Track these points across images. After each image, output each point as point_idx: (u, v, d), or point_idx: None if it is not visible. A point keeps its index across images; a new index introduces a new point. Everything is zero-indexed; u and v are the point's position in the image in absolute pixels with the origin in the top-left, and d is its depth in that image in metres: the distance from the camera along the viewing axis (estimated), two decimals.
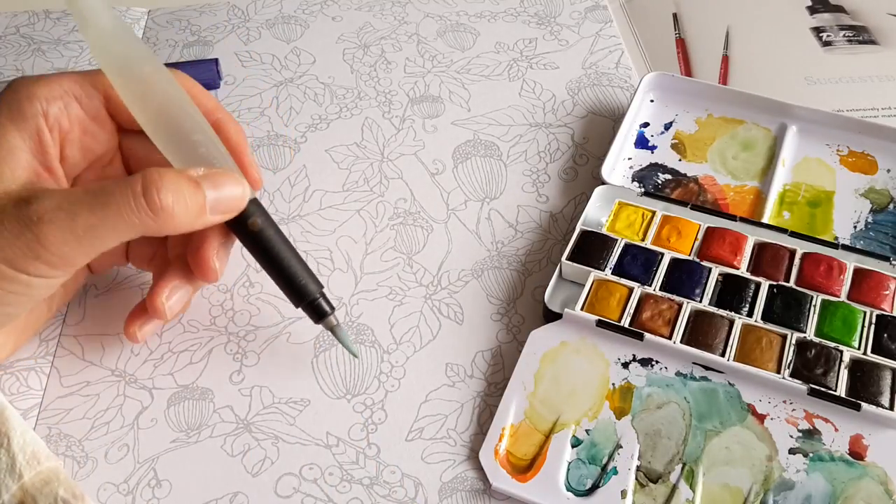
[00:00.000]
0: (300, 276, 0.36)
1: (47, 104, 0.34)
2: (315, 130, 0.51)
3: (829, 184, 0.45)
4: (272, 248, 0.36)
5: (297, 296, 0.36)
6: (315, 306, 0.36)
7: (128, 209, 0.31)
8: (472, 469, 0.36)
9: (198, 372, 0.39)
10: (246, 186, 0.35)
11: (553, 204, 0.47)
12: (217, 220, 0.34)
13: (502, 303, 0.42)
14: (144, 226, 0.31)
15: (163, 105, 0.34)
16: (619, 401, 0.37)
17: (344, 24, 0.59)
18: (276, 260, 0.36)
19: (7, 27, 0.59)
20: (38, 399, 0.38)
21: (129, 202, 0.31)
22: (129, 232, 0.31)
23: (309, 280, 0.36)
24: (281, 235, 0.36)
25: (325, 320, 0.37)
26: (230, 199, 0.34)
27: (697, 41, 0.57)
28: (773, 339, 0.38)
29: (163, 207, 0.31)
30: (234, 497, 0.35)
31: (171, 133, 0.34)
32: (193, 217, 0.32)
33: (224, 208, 0.34)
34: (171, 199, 0.31)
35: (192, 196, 0.32)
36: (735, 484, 0.34)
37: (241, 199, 0.34)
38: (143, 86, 0.34)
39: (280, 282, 0.36)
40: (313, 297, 0.36)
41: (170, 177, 0.32)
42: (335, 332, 0.37)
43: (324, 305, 0.36)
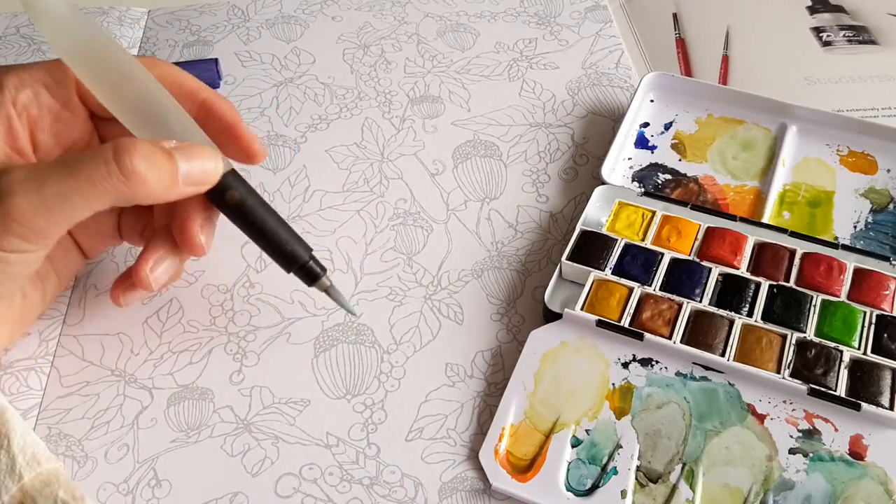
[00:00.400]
0: (287, 242, 0.36)
1: (16, 92, 0.34)
2: (315, 130, 0.51)
3: (829, 184, 0.45)
4: (255, 218, 0.35)
5: (287, 261, 0.36)
6: (306, 269, 0.36)
7: (98, 175, 0.30)
8: (472, 469, 0.36)
9: (198, 372, 0.39)
10: (219, 160, 0.34)
11: (553, 204, 0.47)
12: (191, 191, 0.34)
13: (502, 303, 0.42)
14: (116, 192, 0.31)
15: (130, 89, 0.34)
16: (619, 401, 0.37)
17: (344, 24, 0.59)
18: (260, 229, 0.35)
19: (7, 27, 0.59)
20: (38, 399, 0.38)
21: (101, 168, 0.30)
22: (100, 199, 0.31)
23: (297, 245, 0.36)
24: (263, 204, 0.36)
25: (319, 282, 0.37)
26: (203, 171, 0.34)
27: (697, 41, 0.57)
28: (773, 339, 0.38)
29: (134, 172, 0.31)
30: (234, 497, 0.35)
31: (141, 116, 0.34)
32: (166, 185, 0.32)
33: (197, 180, 0.34)
34: (143, 165, 0.31)
35: (165, 164, 0.32)
36: (735, 484, 0.34)
37: (213, 171, 0.34)
38: (106, 72, 0.34)
39: (268, 250, 0.36)
40: (303, 260, 0.36)
41: (142, 144, 0.32)
42: (330, 292, 0.37)
43: (315, 268, 0.36)
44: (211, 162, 0.34)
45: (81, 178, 0.30)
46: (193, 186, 0.34)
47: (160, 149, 0.32)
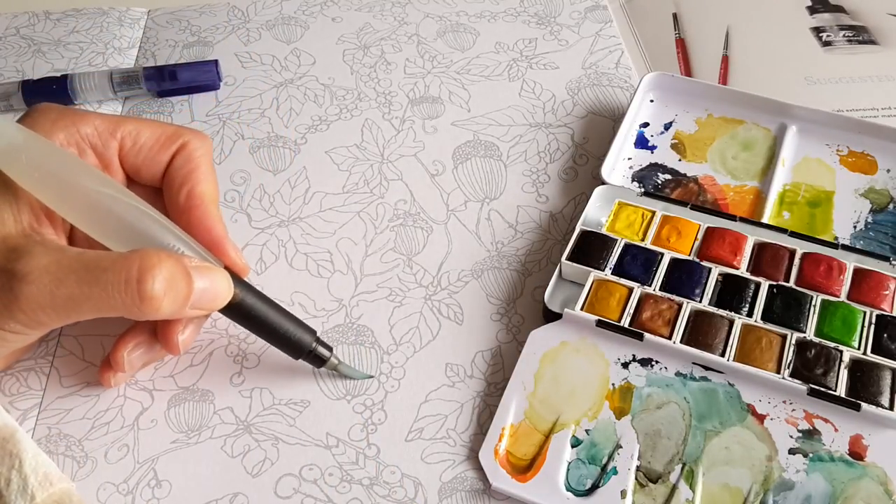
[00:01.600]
0: (291, 333, 0.36)
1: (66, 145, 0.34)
2: (315, 132, 0.51)
3: (829, 184, 0.45)
4: (256, 314, 0.36)
5: (294, 351, 0.37)
6: (314, 356, 0.37)
7: (117, 290, 0.30)
8: (471, 469, 0.36)
9: (198, 374, 0.39)
10: (231, 286, 0.34)
11: (553, 204, 0.47)
12: (195, 314, 0.33)
13: (502, 303, 0.42)
14: (128, 309, 0.31)
15: (122, 225, 0.33)
16: (618, 401, 0.37)
17: (344, 25, 0.59)
18: (262, 324, 0.36)
19: (7, 28, 0.59)
20: (37, 399, 0.38)
21: (121, 285, 0.30)
22: (110, 311, 0.31)
23: (302, 332, 0.36)
24: (262, 298, 0.36)
25: (328, 363, 0.37)
26: (213, 296, 0.33)
27: (697, 41, 0.57)
28: (773, 339, 0.38)
29: (153, 297, 0.30)
30: (235, 498, 0.35)
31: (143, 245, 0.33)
32: (178, 308, 0.32)
33: (205, 305, 0.33)
34: (163, 288, 0.31)
35: (183, 289, 0.32)
36: (735, 484, 0.34)
37: (223, 297, 0.34)
38: (93, 209, 0.32)
39: (273, 342, 0.37)
40: (309, 348, 0.37)
41: (168, 264, 0.31)
42: (339, 370, 0.38)
43: (322, 351, 0.37)
44: (224, 288, 0.34)
45: (98, 288, 0.30)
46: (198, 310, 0.33)
47: (182, 270, 0.32)
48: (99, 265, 0.30)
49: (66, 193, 0.32)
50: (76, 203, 0.32)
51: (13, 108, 0.52)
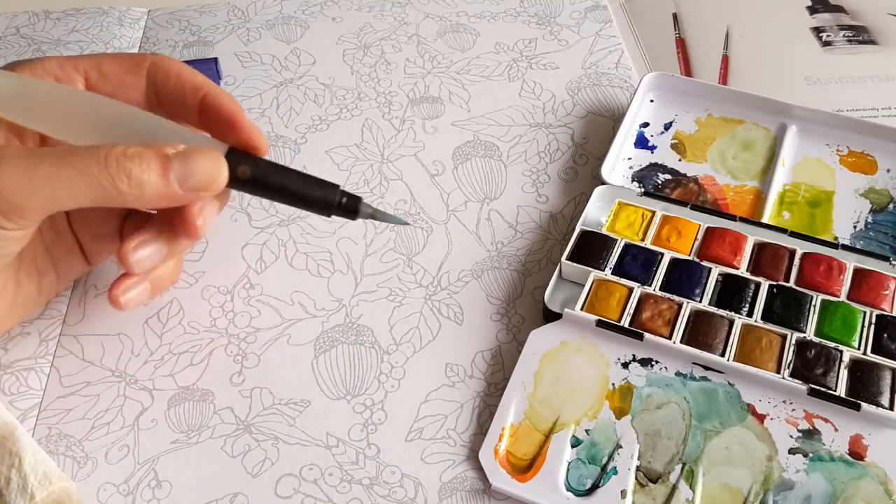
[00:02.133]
0: (315, 194, 0.35)
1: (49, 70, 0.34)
2: (315, 131, 0.51)
3: (829, 184, 0.45)
4: (272, 183, 0.35)
5: (322, 208, 0.35)
6: (345, 209, 0.35)
7: (88, 168, 0.30)
8: (471, 469, 0.36)
9: (198, 373, 0.39)
10: (223, 164, 0.34)
11: (553, 204, 0.47)
12: (193, 196, 0.33)
13: (502, 303, 0.42)
14: (103, 189, 0.31)
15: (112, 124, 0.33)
16: (618, 401, 0.37)
17: (344, 25, 0.59)
18: (282, 191, 0.35)
19: (7, 27, 0.59)
20: (38, 399, 0.38)
21: (91, 161, 0.30)
22: (86, 192, 0.31)
23: (324, 190, 0.35)
24: (274, 166, 0.35)
25: (360, 213, 0.36)
26: (206, 176, 0.33)
27: (697, 41, 0.57)
28: (773, 339, 0.38)
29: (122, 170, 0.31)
30: (235, 498, 0.35)
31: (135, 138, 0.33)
32: (157, 191, 0.32)
33: (199, 185, 0.33)
34: (133, 165, 0.31)
35: (156, 168, 0.32)
36: (735, 484, 0.34)
37: (217, 175, 0.33)
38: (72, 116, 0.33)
39: (298, 205, 0.35)
40: (336, 201, 0.35)
41: (138, 148, 0.31)
42: (377, 216, 0.36)
43: (351, 203, 0.35)
44: (213, 166, 0.33)
45: (71, 167, 0.30)
46: (195, 192, 0.33)
47: (156, 153, 0.32)
48: (71, 149, 0.31)
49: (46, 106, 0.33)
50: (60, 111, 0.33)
51: None
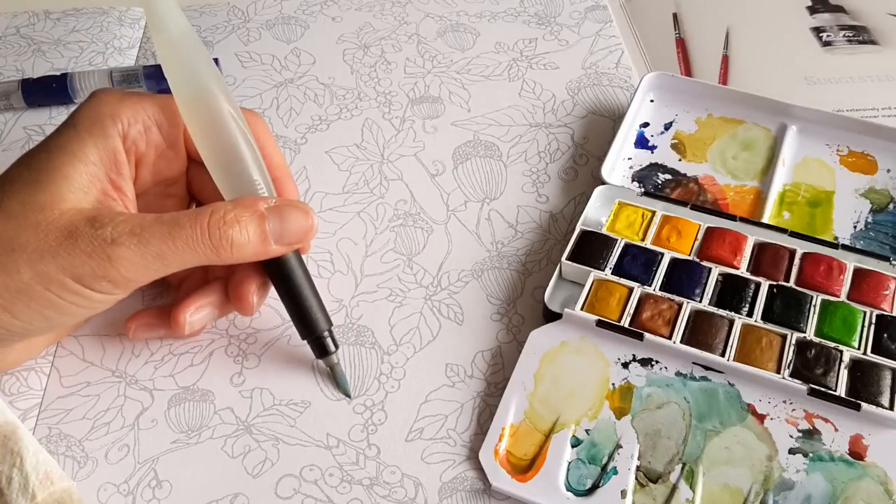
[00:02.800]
0: (314, 311, 0.37)
1: (129, 126, 0.35)
2: (315, 131, 0.51)
3: (829, 184, 0.45)
4: (292, 279, 0.36)
5: (306, 329, 0.37)
6: (321, 345, 0.37)
7: (195, 241, 0.32)
8: (472, 469, 0.36)
9: (198, 374, 0.39)
10: (313, 218, 0.36)
11: (553, 204, 0.47)
12: (285, 250, 0.35)
13: (502, 303, 0.42)
14: (209, 258, 0.33)
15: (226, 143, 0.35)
16: (619, 401, 0.37)
17: (344, 25, 0.59)
18: (295, 291, 0.36)
19: (7, 28, 0.59)
20: (38, 399, 0.38)
21: (198, 234, 0.32)
22: (194, 261, 0.33)
23: (321, 317, 0.37)
24: (304, 269, 0.37)
25: (328, 358, 0.38)
26: (298, 230, 0.35)
27: (697, 41, 0.57)
28: (773, 339, 0.38)
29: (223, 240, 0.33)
30: (235, 498, 0.35)
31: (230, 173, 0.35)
32: (256, 250, 0.34)
33: (292, 240, 0.35)
34: (233, 232, 0.33)
35: (256, 230, 0.34)
36: (735, 484, 0.34)
37: (308, 230, 0.36)
38: (210, 120, 0.35)
39: (293, 312, 0.37)
40: (321, 334, 0.37)
41: (237, 211, 0.33)
42: (334, 370, 0.38)
43: (329, 343, 0.37)
44: (305, 221, 0.35)
45: (180, 243, 0.32)
46: (288, 246, 0.35)
47: (252, 213, 0.34)
48: (176, 222, 0.32)
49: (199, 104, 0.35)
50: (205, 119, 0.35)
51: (13, 107, 0.52)
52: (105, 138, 0.34)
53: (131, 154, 0.35)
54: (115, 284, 0.32)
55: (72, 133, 0.34)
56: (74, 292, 0.32)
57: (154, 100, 0.36)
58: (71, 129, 0.34)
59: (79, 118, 0.35)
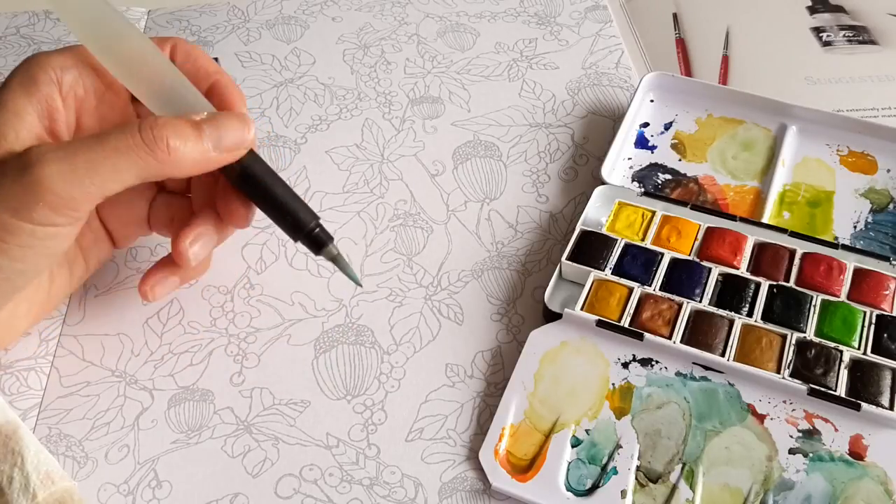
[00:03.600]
0: (294, 210, 0.35)
1: (61, 72, 0.34)
2: (315, 131, 0.51)
3: (829, 184, 0.45)
4: (262, 183, 0.35)
5: (293, 229, 0.36)
6: (313, 237, 0.36)
7: (126, 145, 0.31)
8: (472, 469, 0.36)
9: (198, 373, 0.39)
10: (250, 125, 0.35)
11: (553, 204, 0.47)
12: (225, 158, 0.34)
13: (502, 303, 0.42)
14: (144, 163, 0.32)
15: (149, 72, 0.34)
16: (619, 401, 0.37)
17: (344, 25, 0.59)
18: (266, 195, 0.35)
19: (7, 28, 0.59)
20: (38, 399, 0.38)
21: (128, 138, 0.31)
22: (129, 170, 0.32)
23: (304, 212, 0.35)
24: (271, 172, 0.36)
25: (325, 251, 0.36)
26: (235, 137, 0.34)
27: (697, 41, 0.57)
28: (773, 339, 0.38)
29: (159, 141, 0.32)
30: (235, 498, 0.35)
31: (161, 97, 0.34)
32: (195, 156, 0.33)
33: (229, 146, 0.34)
34: (169, 135, 0.32)
35: (190, 133, 0.33)
36: (735, 484, 0.34)
37: (245, 136, 0.35)
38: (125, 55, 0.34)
39: (274, 217, 0.36)
40: (309, 228, 0.35)
41: (168, 118, 0.33)
42: (337, 261, 0.37)
43: (321, 236, 0.36)
44: (240, 126, 0.35)
45: (109, 148, 0.31)
46: (227, 153, 0.34)
47: (186, 121, 0.33)
48: (104, 132, 0.32)
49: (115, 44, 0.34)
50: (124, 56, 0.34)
51: None
52: (35, 86, 0.34)
53: (70, 100, 0.35)
54: (52, 208, 0.31)
55: (5, 94, 0.33)
56: (15, 230, 0.31)
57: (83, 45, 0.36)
58: (4, 90, 0.34)
59: (12, 75, 0.34)
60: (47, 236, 0.32)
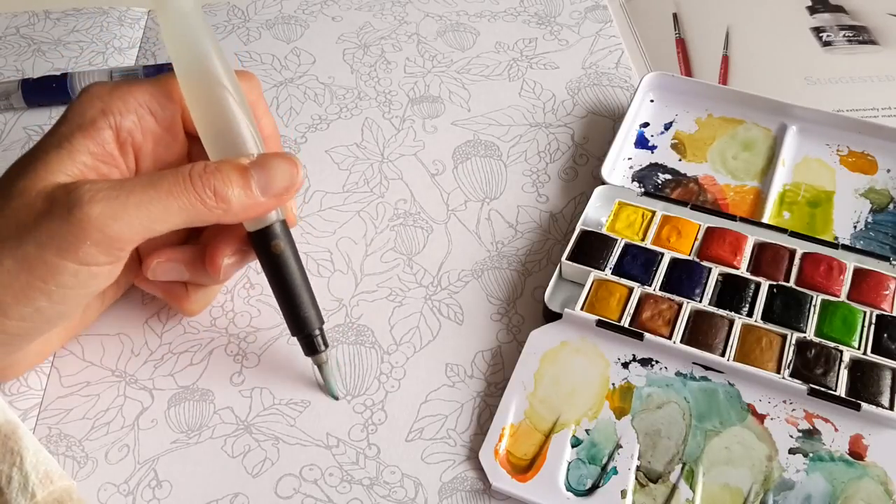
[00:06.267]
0: (306, 307, 0.36)
1: (121, 118, 0.34)
2: (315, 131, 0.51)
3: (829, 184, 0.45)
4: (287, 274, 0.36)
5: (297, 326, 0.36)
6: (310, 342, 0.37)
7: (178, 189, 0.31)
8: (472, 469, 0.36)
9: (198, 373, 0.39)
10: (299, 167, 0.35)
11: (553, 204, 0.47)
12: (275, 203, 0.34)
13: (502, 303, 0.42)
14: (194, 209, 0.32)
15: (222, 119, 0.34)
16: (619, 401, 0.37)
17: (344, 25, 0.59)
18: (287, 286, 0.36)
19: (7, 28, 0.59)
20: (38, 399, 0.38)
21: (179, 182, 0.31)
22: (179, 214, 0.32)
23: (312, 313, 0.36)
24: (299, 264, 0.36)
25: (317, 356, 0.37)
26: (284, 180, 0.34)
27: (697, 41, 0.57)
28: (773, 339, 0.38)
29: (207, 187, 0.32)
30: (235, 498, 0.35)
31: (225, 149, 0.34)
32: (244, 202, 0.33)
33: (279, 190, 0.34)
34: (217, 181, 0.32)
35: (238, 179, 0.33)
36: (735, 484, 0.34)
37: (295, 179, 0.34)
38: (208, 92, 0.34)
39: (285, 308, 0.36)
40: (311, 331, 0.36)
41: (217, 163, 0.33)
42: (322, 369, 0.38)
43: (320, 342, 0.37)
44: (289, 169, 0.34)
45: (162, 191, 0.31)
46: (276, 197, 0.34)
47: (234, 166, 0.33)
48: (157, 174, 0.32)
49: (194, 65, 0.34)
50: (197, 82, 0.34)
51: (13, 107, 0.52)
52: (95, 133, 0.33)
53: (128, 146, 0.35)
54: (99, 247, 0.30)
55: (63, 130, 0.33)
56: (60, 271, 0.30)
57: (144, 86, 0.35)
58: (62, 126, 0.34)
59: (70, 115, 0.34)
60: (90, 276, 0.32)
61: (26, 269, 0.30)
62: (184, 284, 0.38)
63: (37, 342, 0.35)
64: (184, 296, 0.39)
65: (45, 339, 0.36)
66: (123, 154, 0.35)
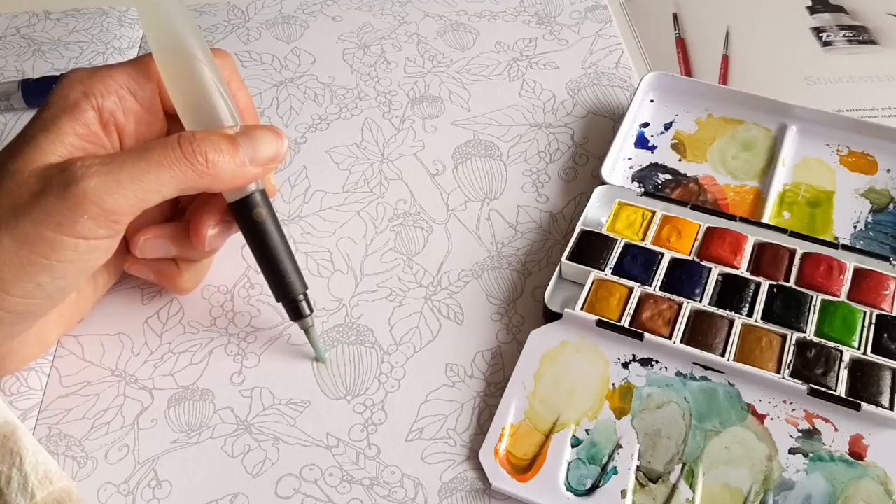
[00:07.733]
0: (289, 274, 0.37)
1: (103, 100, 0.35)
2: (315, 131, 0.51)
3: (829, 184, 0.45)
4: (269, 242, 0.36)
5: (281, 292, 0.37)
6: (296, 305, 0.37)
7: (168, 159, 0.32)
8: (472, 469, 0.36)
9: (198, 373, 0.39)
10: (283, 138, 0.36)
11: (553, 204, 0.47)
12: (261, 171, 0.35)
13: (502, 303, 0.42)
14: (185, 176, 0.33)
15: (199, 93, 0.35)
16: (618, 401, 0.37)
17: (344, 24, 0.59)
18: (270, 254, 0.36)
19: (7, 28, 0.59)
20: (38, 399, 0.38)
21: (168, 152, 0.32)
22: (170, 183, 0.32)
23: (296, 278, 0.37)
24: (280, 232, 0.37)
25: (302, 321, 0.38)
26: (270, 150, 0.35)
27: (697, 41, 0.57)
28: (773, 339, 0.38)
29: (198, 154, 0.33)
30: (235, 498, 0.35)
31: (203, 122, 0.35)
32: (232, 169, 0.34)
33: (265, 159, 0.35)
34: (207, 147, 0.33)
35: (227, 147, 0.34)
36: (735, 484, 0.34)
37: (279, 149, 0.36)
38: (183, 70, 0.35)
39: (269, 276, 0.37)
40: (296, 295, 0.37)
41: (204, 132, 0.34)
42: (309, 333, 0.38)
43: (304, 307, 0.37)
44: (274, 140, 0.35)
45: (153, 162, 0.32)
46: (263, 166, 0.35)
47: (222, 135, 0.34)
48: (145, 146, 0.33)
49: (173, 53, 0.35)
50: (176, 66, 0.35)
51: (13, 108, 0.52)
52: (79, 111, 0.34)
53: (111, 126, 0.35)
54: (96, 221, 0.31)
55: (48, 114, 0.34)
56: (60, 246, 0.31)
57: (122, 68, 0.36)
58: (47, 111, 0.34)
59: (53, 100, 0.35)
60: (89, 250, 0.32)
61: (26, 247, 0.31)
62: (174, 262, 0.39)
63: (34, 329, 0.36)
64: (175, 273, 0.39)
65: (42, 328, 0.37)
66: (107, 134, 0.35)
